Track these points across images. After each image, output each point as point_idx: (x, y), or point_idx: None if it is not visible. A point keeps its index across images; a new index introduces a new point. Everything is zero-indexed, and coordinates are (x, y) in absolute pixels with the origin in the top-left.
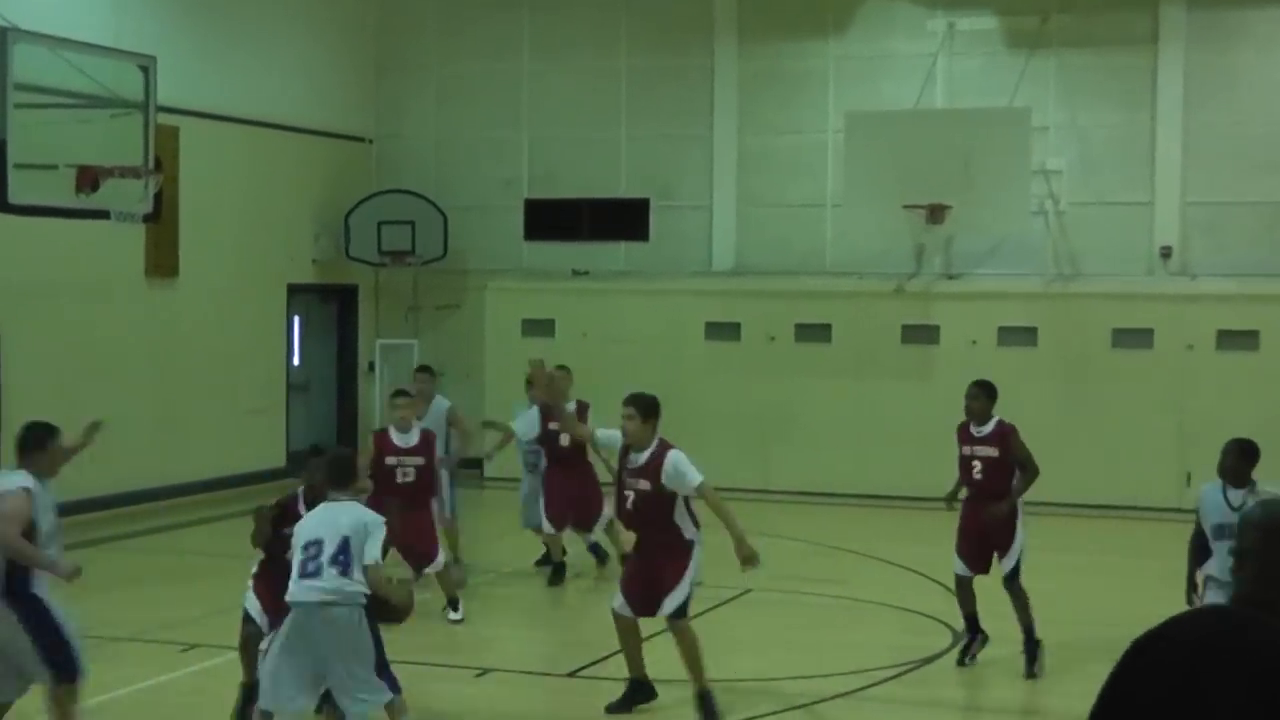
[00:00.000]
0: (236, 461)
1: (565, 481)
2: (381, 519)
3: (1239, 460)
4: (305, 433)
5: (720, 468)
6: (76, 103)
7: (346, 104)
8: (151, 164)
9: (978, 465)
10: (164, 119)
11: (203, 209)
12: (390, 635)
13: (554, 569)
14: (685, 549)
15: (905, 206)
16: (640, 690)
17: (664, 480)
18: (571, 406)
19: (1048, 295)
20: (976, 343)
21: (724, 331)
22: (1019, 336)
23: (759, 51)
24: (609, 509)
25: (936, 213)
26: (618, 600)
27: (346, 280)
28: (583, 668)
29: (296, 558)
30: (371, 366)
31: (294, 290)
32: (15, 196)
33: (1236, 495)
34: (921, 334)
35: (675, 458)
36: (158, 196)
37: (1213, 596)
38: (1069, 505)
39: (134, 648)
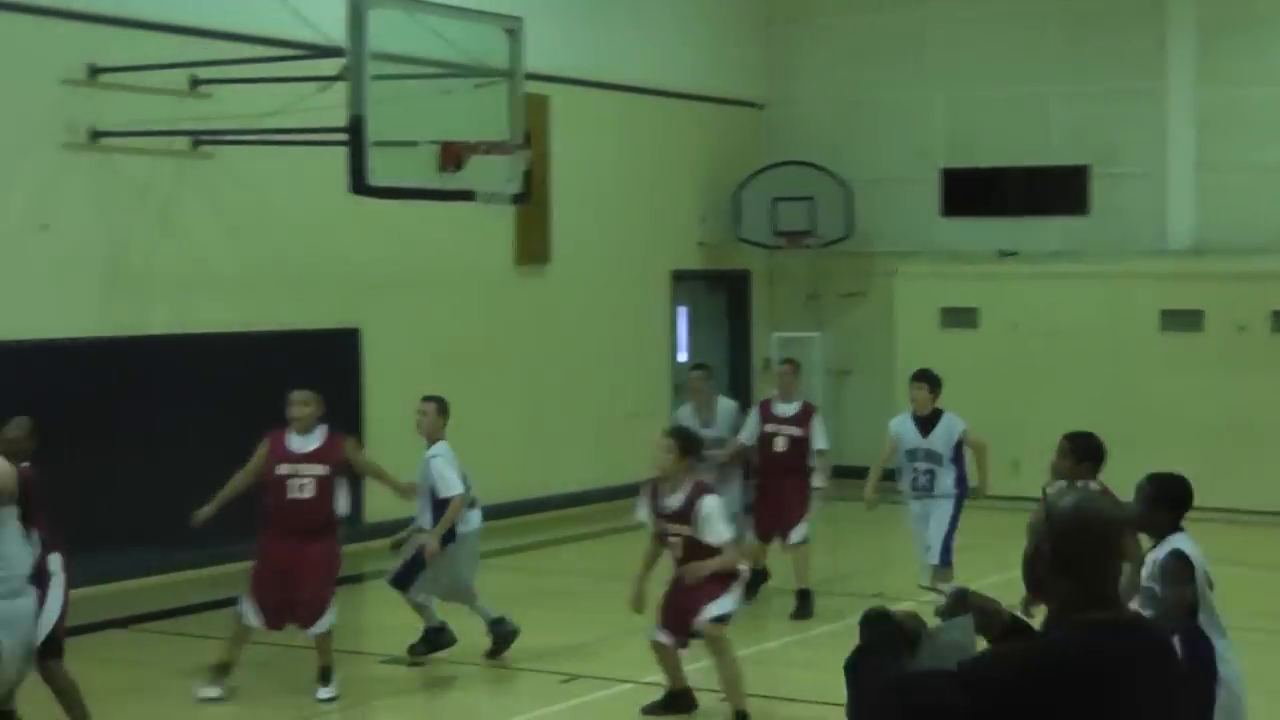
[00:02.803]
0: (614, 471)
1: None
2: None
3: None
4: None
5: None
6: (437, 72)
7: (734, 65)
8: (520, 138)
9: None
10: (533, 87)
11: (576, 188)
12: None
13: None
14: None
15: None
16: (680, 699)
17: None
18: (795, 407)
19: None
20: None
21: (1183, 321)
22: None
23: None
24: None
25: None
26: (656, 631)
27: (737, 265)
28: None
29: None
30: (768, 363)
31: (678, 277)
32: (374, 177)
33: None
34: None
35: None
36: (527, 174)
37: None
38: None
39: (509, 676)
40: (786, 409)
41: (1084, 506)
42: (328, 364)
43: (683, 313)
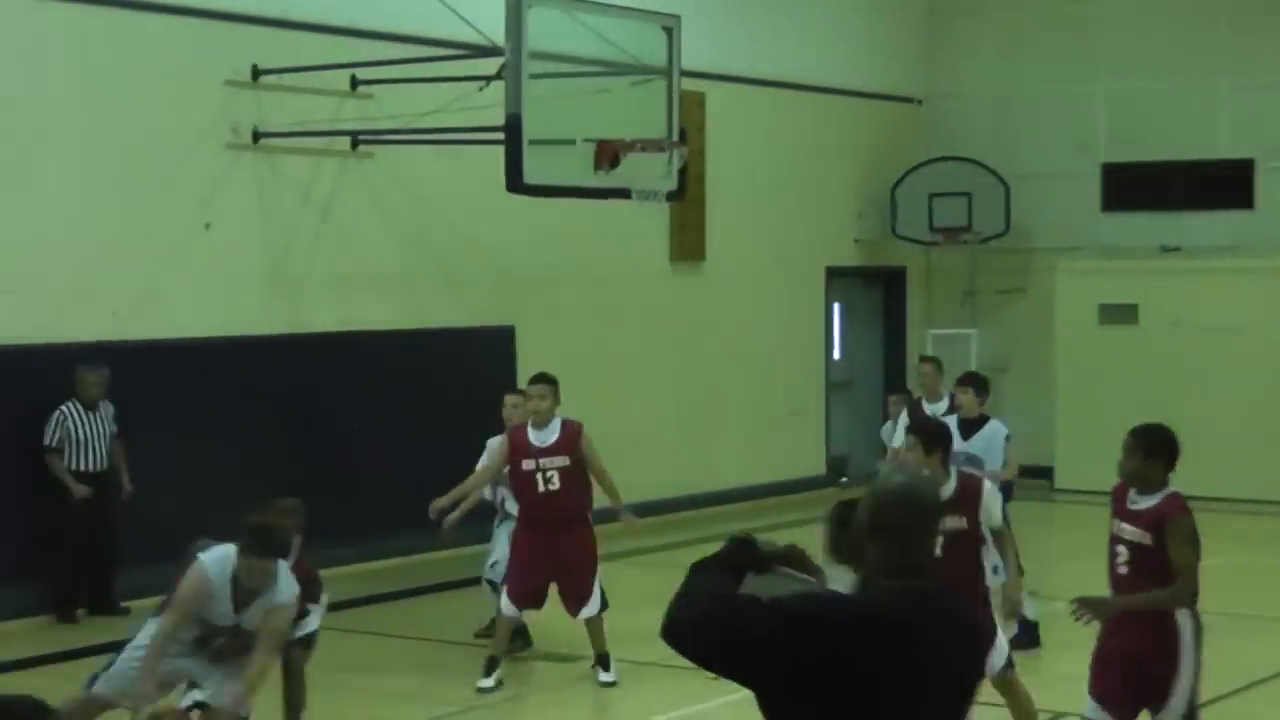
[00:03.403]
0: (770, 469)
1: None
2: None
3: None
4: (847, 436)
5: None
6: (594, 70)
7: (891, 59)
8: (676, 135)
9: None
10: (689, 85)
11: (732, 184)
12: None
13: None
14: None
15: None
16: None
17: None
18: (944, 405)
19: None
20: None
21: None
22: None
23: None
24: None
25: None
26: None
27: (893, 262)
28: None
29: None
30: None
31: (834, 274)
32: (531, 176)
33: None
34: None
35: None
36: (683, 172)
37: None
38: None
39: (663, 674)
40: (935, 409)
41: (908, 484)
42: (483, 362)
43: (837, 310)
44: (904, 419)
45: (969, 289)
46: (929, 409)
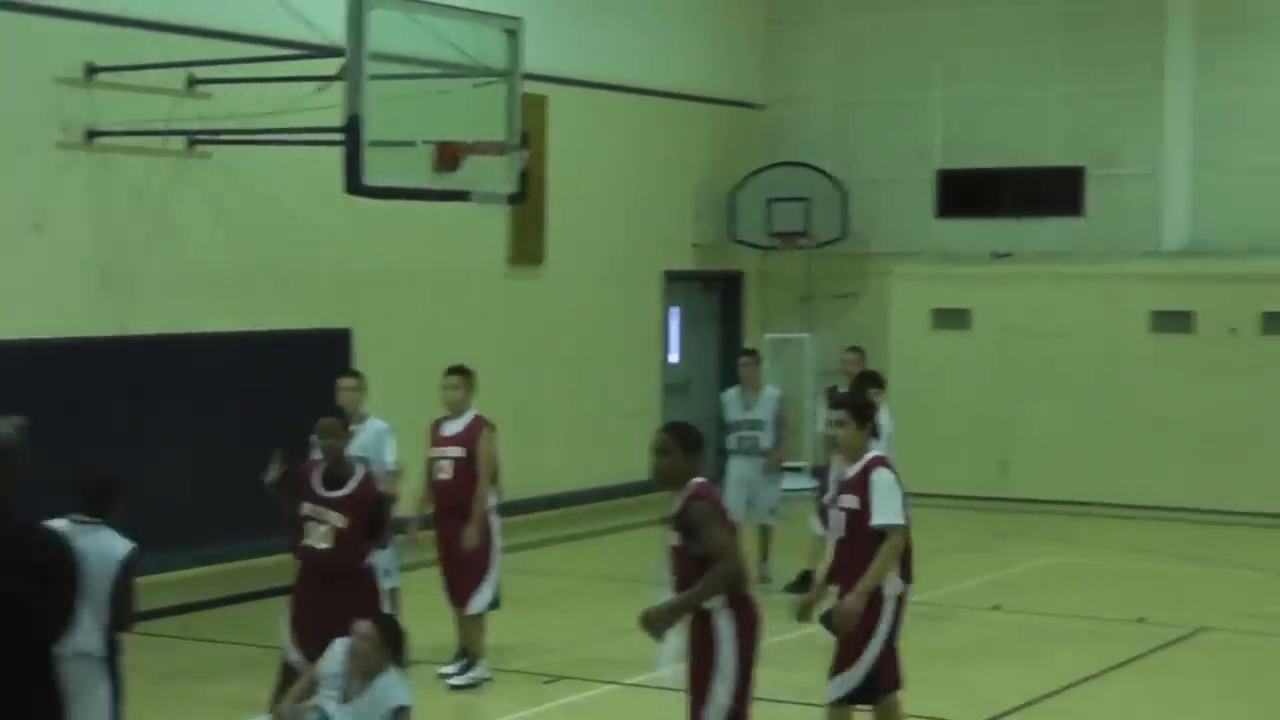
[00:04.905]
0: (605, 472)
1: None
2: None
3: None
4: None
5: (1169, 483)
6: (435, 72)
7: (733, 64)
8: (517, 138)
9: None
10: (530, 88)
11: (572, 188)
12: None
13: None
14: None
15: None
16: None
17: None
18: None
19: None
20: None
21: (1175, 322)
22: None
23: None
24: None
25: None
26: None
27: (731, 266)
28: None
29: None
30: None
31: (672, 278)
32: (370, 178)
33: None
34: None
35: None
36: (523, 175)
37: None
38: None
39: (494, 677)
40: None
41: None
42: (320, 365)
43: (675, 313)
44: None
45: (805, 294)
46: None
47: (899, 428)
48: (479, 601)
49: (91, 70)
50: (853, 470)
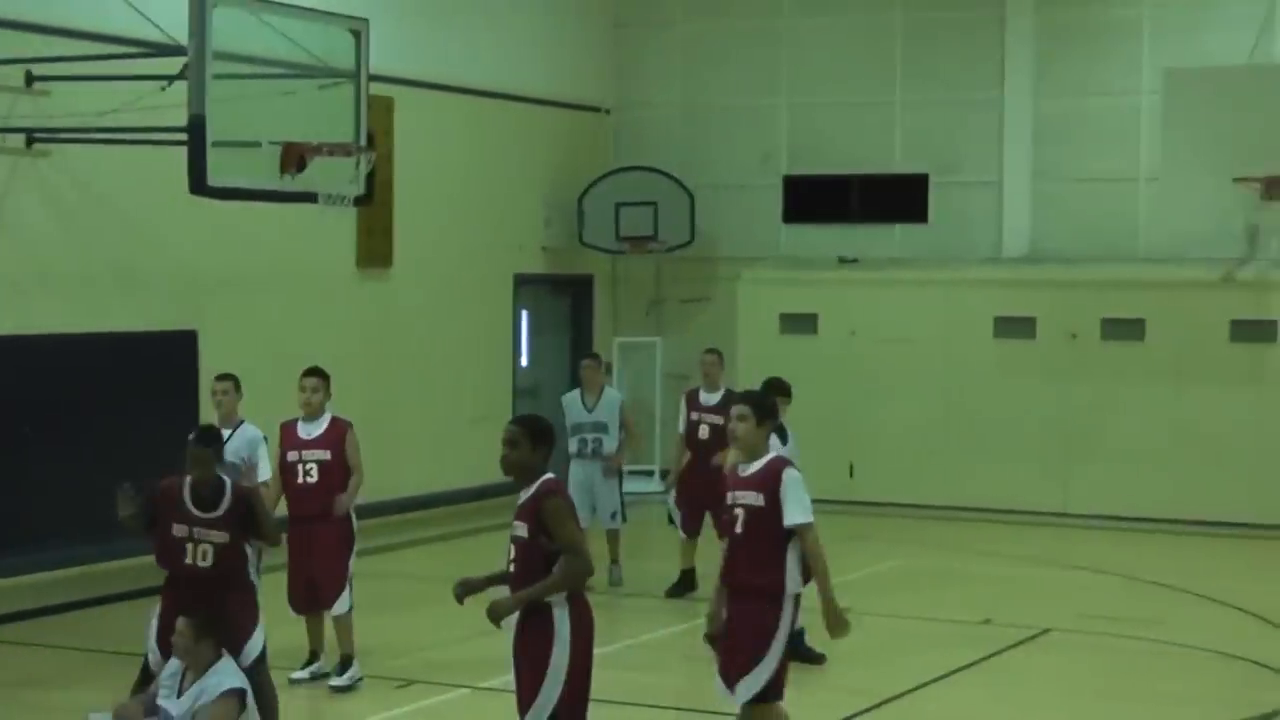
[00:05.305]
0: (456, 476)
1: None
2: None
3: None
4: None
5: (1012, 486)
6: (281, 73)
7: (580, 68)
8: (364, 140)
9: None
10: (377, 89)
11: (420, 191)
12: None
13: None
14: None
15: (1236, 180)
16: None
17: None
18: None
19: None
20: None
21: (1016, 328)
22: None
23: None
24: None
25: (1274, 186)
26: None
27: (580, 270)
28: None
29: None
30: (609, 368)
31: (521, 282)
32: (215, 178)
33: None
34: (1255, 330)
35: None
36: (370, 177)
37: None
38: None
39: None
40: (711, 398)
41: None
42: (165, 367)
43: (525, 317)
44: (683, 408)
45: (654, 298)
46: (706, 399)
47: None
48: (345, 601)
49: None
50: (752, 467)
